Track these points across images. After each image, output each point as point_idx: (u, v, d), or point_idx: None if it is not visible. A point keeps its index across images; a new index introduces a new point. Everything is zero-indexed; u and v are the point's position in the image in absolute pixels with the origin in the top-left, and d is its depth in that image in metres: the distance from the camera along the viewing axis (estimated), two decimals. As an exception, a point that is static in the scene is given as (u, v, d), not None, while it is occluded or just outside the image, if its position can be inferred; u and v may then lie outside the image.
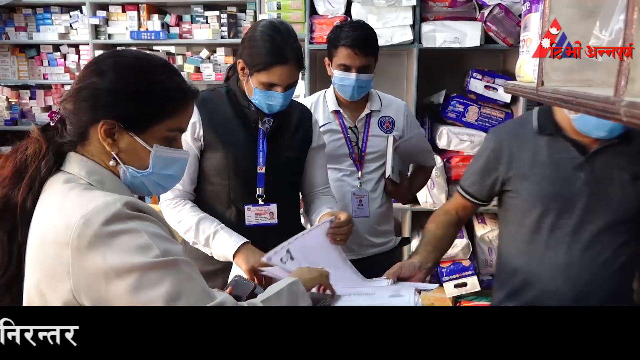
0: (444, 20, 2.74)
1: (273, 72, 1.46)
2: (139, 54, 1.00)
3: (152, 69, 0.96)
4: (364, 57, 1.84)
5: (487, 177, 1.56)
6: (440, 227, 1.61)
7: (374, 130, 1.98)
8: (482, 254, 2.94)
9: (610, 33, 0.67)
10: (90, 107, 0.93)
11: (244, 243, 1.45)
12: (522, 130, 1.52)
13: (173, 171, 1.02)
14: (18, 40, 3.64)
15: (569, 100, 0.69)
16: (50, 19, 3.62)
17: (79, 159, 0.94)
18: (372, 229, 1.99)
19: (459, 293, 2.90)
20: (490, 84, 2.78)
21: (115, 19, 3.53)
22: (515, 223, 1.54)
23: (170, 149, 0.99)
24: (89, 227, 0.82)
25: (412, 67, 2.82)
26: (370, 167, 1.98)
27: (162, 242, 0.85)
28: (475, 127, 2.84)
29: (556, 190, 1.44)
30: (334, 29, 1.93)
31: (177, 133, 1.00)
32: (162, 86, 0.96)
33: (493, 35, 2.70)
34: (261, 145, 1.56)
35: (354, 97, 1.91)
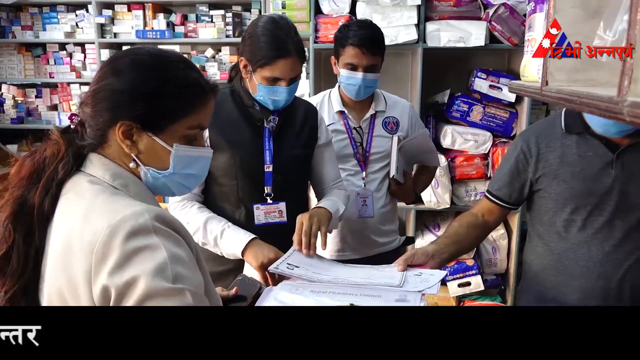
0: (449, 20, 2.74)
1: (276, 65, 1.46)
2: (155, 50, 0.96)
3: (168, 66, 0.93)
4: (371, 56, 1.85)
5: (517, 178, 1.57)
6: (464, 226, 1.60)
7: (379, 130, 1.99)
8: (486, 254, 2.94)
9: (614, 33, 0.68)
10: (107, 108, 0.90)
11: (252, 239, 1.45)
12: (550, 130, 1.54)
13: (195, 170, 0.99)
14: (24, 39, 3.66)
15: (572, 100, 0.70)
16: (56, 17, 3.63)
17: (101, 161, 0.92)
18: (377, 228, 1.99)
19: (462, 292, 2.90)
20: (495, 84, 2.78)
21: (120, 18, 3.54)
22: (545, 223, 1.54)
23: (191, 148, 0.96)
24: (114, 237, 0.79)
25: (416, 66, 2.83)
26: (374, 167, 1.98)
27: (177, 266, 0.81)
28: (480, 127, 2.84)
29: (587, 188, 1.44)
30: (341, 28, 1.93)
31: (198, 131, 0.97)
32: (179, 83, 0.93)
33: (498, 35, 2.70)
34: (267, 143, 1.57)
35: (361, 96, 1.91)
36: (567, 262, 1.49)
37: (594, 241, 1.45)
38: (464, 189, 2.93)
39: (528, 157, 1.54)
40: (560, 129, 1.51)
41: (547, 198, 1.52)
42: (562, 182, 1.48)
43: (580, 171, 1.45)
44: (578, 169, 1.46)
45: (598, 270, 1.44)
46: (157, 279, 0.78)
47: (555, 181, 1.49)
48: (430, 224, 3.06)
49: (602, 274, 1.44)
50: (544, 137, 1.53)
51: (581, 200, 1.45)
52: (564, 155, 1.48)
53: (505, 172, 1.59)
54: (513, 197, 1.59)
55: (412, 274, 1.35)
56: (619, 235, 1.43)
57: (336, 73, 1.96)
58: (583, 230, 1.46)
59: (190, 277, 0.83)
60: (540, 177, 1.52)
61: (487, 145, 2.83)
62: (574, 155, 1.47)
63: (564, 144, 1.49)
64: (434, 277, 1.31)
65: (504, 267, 2.98)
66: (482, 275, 2.90)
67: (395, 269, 1.38)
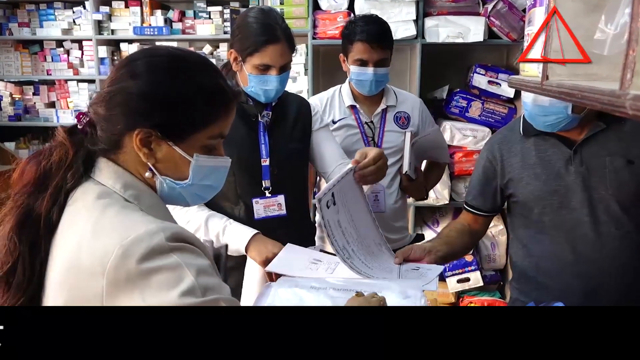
0: (448, 15, 2.74)
1: (265, 52, 1.47)
2: (176, 52, 0.90)
3: (191, 70, 0.88)
4: (380, 50, 1.85)
5: (487, 186, 1.59)
6: (454, 231, 1.63)
7: (390, 125, 1.98)
8: (485, 250, 2.94)
9: (616, 27, 0.67)
10: (124, 113, 0.84)
11: (255, 234, 1.44)
12: (511, 135, 1.56)
13: (212, 181, 0.94)
14: (21, 36, 3.64)
15: (573, 94, 0.69)
16: (54, 14, 3.62)
17: (113, 169, 0.86)
18: (388, 224, 1.99)
19: (461, 288, 2.90)
20: (494, 79, 2.78)
21: (118, 15, 3.53)
22: (521, 226, 1.56)
23: (211, 158, 0.91)
24: (128, 259, 0.74)
25: (415, 62, 2.82)
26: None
27: (204, 278, 0.77)
28: (479, 123, 2.84)
29: (549, 188, 1.45)
30: (348, 24, 1.93)
31: (219, 140, 0.92)
32: (204, 90, 0.87)
33: (496, 30, 2.70)
34: (262, 137, 1.57)
35: (372, 91, 1.91)
36: (544, 264, 1.49)
37: (566, 241, 1.44)
38: (462, 185, 2.93)
39: (494, 164, 1.56)
40: (519, 133, 1.52)
41: (517, 202, 1.54)
42: (527, 184, 1.49)
43: (542, 172, 1.46)
44: (539, 170, 1.47)
45: (574, 270, 1.43)
46: (186, 298, 0.74)
47: (520, 184, 1.50)
48: (429, 220, 3.06)
49: (579, 274, 1.43)
50: (505, 143, 1.55)
51: (546, 201, 1.45)
52: (524, 158, 1.50)
53: (476, 182, 1.62)
54: (487, 204, 1.61)
55: (409, 268, 1.35)
56: (591, 233, 1.41)
57: (345, 70, 1.96)
58: (555, 231, 1.46)
59: (218, 284, 0.80)
60: (507, 182, 1.54)
61: (486, 141, 2.82)
62: (534, 157, 1.48)
63: (524, 147, 1.50)
64: (431, 272, 1.32)
65: (503, 263, 2.99)
66: (481, 271, 2.90)
67: (391, 261, 1.39)
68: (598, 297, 1.42)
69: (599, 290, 1.42)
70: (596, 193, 1.40)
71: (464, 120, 2.85)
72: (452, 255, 1.58)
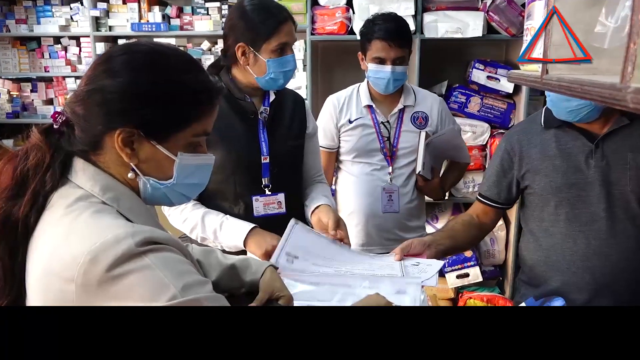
0: (446, 10, 2.73)
1: (282, 31, 1.46)
2: (157, 48, 0.87)
3: (173, 67, 0.85)
4: (398, 48, 1.85)
5: (504, 178, 1.58)
6: (460, 223, 1.63)
7: (407, 125, 1.98)
8: (485, 245, 2.94)
9: (617, 20, 0.67)
10: (104, 113, 0.81)
11: (253, 228, 1.44)
12: (531, 127, 1.55)
13: (198, 179, 0.92)
14: (19, 32, 3.62)
15: (574, 88, 0.69)
16: (51, 11, 3.60)
17: (91, 171, 0.83)
18: (402, 224, 1.99)
19: (461, 284, 2.90)
20: (493, 75, 2.77)
21: (116, 11, 3.51)
22: (535, 219, 1.55)
23: (195, 156, 0.89)
24: (96, 265, 0.72)
25: (414, 57, 2.81)
26: (401, 163, 1.97)
27: (182, 277, 0.75)
28: (478, 118, 2.83)
29: (567, 181, 1.44)
30: (367, 23, 1.93)
31: (203, 137, 0.90)
32: (187, 87, 0.85)
33: (495, 25, 2.69)
34: (262, 135, 1.56)
35: (390, 89, 1.90)
36: (555, 257, 1.49)
37: (580, 235, 1.44)
38: (462, 181, 2.92)
39: (512, 156, 1.55)
40: (539, 125, 1.52)
41: (533, 194, 1.53)
42: (544, 176, 1.48)
43: (561, 164, 1.46)
44: (558, 162, 1.46)
45: (584, 264, 1.44)
46: (161, 300, 0.73)
47: (538, 176, 1.50)
48: (428, 215, 3.06)
49: (588, 268, 1.43)
50: (525, 135, 1.55)
51: (564, 193, 1.45)
52: (544, 150, 1.49)
53: (492, 172, 1.61)
54: (502, 196, 1.60)
55: (409, 263, 1.35)
56: (605, 228, 1.41)
57: (364, 68, 1.96)
58: (569, 224, 1.46)
59: (198, 282, 0.78)
60: (525, 173, 1.53)
61: (485, 136, 2.83)
62: (554, 149, 1.48)
63: (544, 139, 1.50)
64: (431, 267, 1.31)
65: (502, 259, 2.99)
66: (480, 267, 2.90)
67: (392, 258, 1.39)
68: (607, 293, 1.42)
69: (609, 286, 1.42)
70: (615, 189, 1.40)
71: (463, 116, 2.85)
72: (455, 248, 1.59)
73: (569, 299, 1.42)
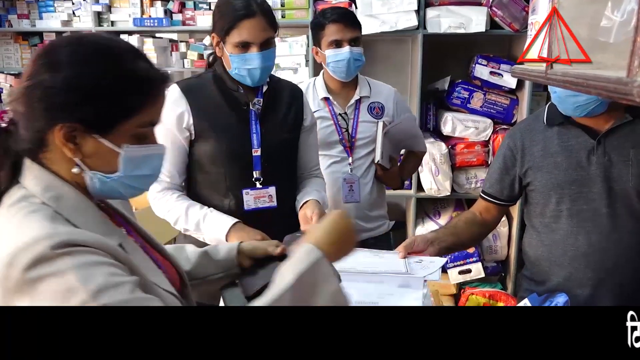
0: (449, 6, 2.72)
1: (242, 27, 1.44)
2: (97, 39, 0.85)
3: (113, 58, 0.83)
4: (353, 29, 1.88)
5: (506, 175, 1.58)
6: (463, 221, 1.63)
7: (364, 116, 1.99)
8: (487, 241, 2.94)
9: (622, 14, 0.66)
10: (44, 109, 0.79)
11: (235, 223, 1.43)
12: (534, 124, 1.56)
13: (148, 170, 0.90)
14: (21, 27, 3.62)
15: (579, 83, 0.68)
16: (53, 6, 3.60)
17: (35, 170, 0.82)
18: (363, 214, 2.00)
19: (463, 280, 2.90)
20: (496, 70, 2.76)
21: (117, 6, 3.51)
22: (537, 215, 1.56)
23: (142, 147, 0.86)
24: (13, 268, 0.72)
25: (416, 53, 2.80)
26: (360, 153, 1.98)
27: (95, 280, 0.73)
28: (480, 114, 2.83)
29: (569, 177, 1.44)
30: (316, 16, 1.98)
31: (150, 127, 0.88)
32: (127, 77, 0.83)
33: (499, 21, 2.68)
34: (254, 127, 1.54)
35: (351, 72, 1.91)
36: (557, 253, 1.49)
37: (581, 231, 1.45)
38: (464, 177, 2.92)
39: (515, 153, 1.56)
40: (542, 122, 1.52)
41: (535, 191, 1.54)
42: (546, 173, 1.49)
43: (562, 161, 1.46)
44: (560, 158, 1.46)
45: (585, 260, 1.44)
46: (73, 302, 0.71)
47: (540, 173, 1.50)
48: (430, 211, 3.06)
49: (590, 263, 1.44)
50: (528, 132, 1.55)
51: (565, 190, 1.46)
52: (546, 147, 1.50)
53: (495, 169, 1.62)
54: (505, 193, 1.60)
55: (412, 261, 1.35)
56: (607, 224, 1.42)
57: (320, 61, 1.97)
58: (570, 220, 1.46)
59: (116, 283, 0.75)
60: (526, 170, 1.54)
61: (487, 132, 2.82)
62: (556, 145, 1.48)
63: (546, 136, 1.51)
64: (434, 264, 1.32)
65: (505, 254, 2.98)
66: (482, 263, 2.90)
67: (396, 256, 1.38)
68: (610, 289, 1.42)
69: (611, 281, 1.42)
70: (617, 185, 1.40)
71: (465, 112, 2.84)
72: (458, 245, 1.59)
73: (572, 295, 1.43)
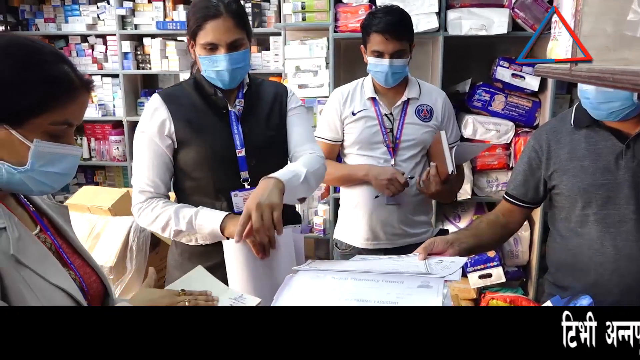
0: (471, 7, 2.70)
1: (207, 28, 1.40)
2: (22, 39, 0.90)
3: (30, 56, 0.87)
4: (396, 42, 1.84)
5: (531, 177, 1.56)
6: (484, 222, 1.60)
7: (411, 118, 1.96)
8: (508, 245, 2.91)
9: (650, 7, 0.65)
10: None
11: (228, 214, 1.40)
12: (561, 126, 1.52)
13: (60, 169, 0.92)
14: (47, 31, 3.71)
15: (604, 78, 0.67)
16: (79, 10, 3.68)
17: None
18: (407, 218, 1.97)
19: (483, 284, 2.86)
20: (518, 72, 2.73)
21: (141, 10, 3.57)
22: (562, 219, 1.53)
23: (54, 145, 0.90)
24: None
25: (437, 55, 2.79)
26: (404, 155, 1.96)
27: None
28: (502, 116, 2.80)
29: (596, 181, 1.42)
30: (367, 16, 1.93)
31: (66, 127, 0.91)
32: (43, 74, 0.87)
33: (521, 22, 2.65)
34: (235, 128, 1.51)
35: (389, 83, 1.90)
36: (582, 258, 1.46)
37: (607, 237, 1.41)
38: (485, 180, 2.89)
39: (540, 155, 1.53)
40: (569, 125, 1.49)
41: (560, 195, 1.50)
42: (572, 177, 1.45)
43: (590, 164, 1.43)
44: (587, 162, 1.43)
45: (612, 266, 1.41)
46: None
47: (565, 177, 1.47)
48: (450, 215, 3.03)
49: (616, 270, 1.40)
50: (554, 134, 1.52)
51: (592, 194, 1.42)
52: (573, 149, 1.46)
53: (520, 171, 1.59)
54: (529, 195, 1.58)
55: (432, 262, 1.34)
56: (635, 230, 1.38)
57: (366, 62, 1.95)
58: (596, 225, 1.43)
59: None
60: (552, 173, 1.51)
61: (509, 135, 2.79)
62: (583, 149, 1.45)
63: (573, 138, 1.47)
64: (454, 264, 1.30)
65: (526, 259, 2.94)
66: (503, 267, 2.86)
67: (415, 258, 1.37)
68: (636, 295, 1.39)
69: (638, 288, 1.39)
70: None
71: (486, 114, 2.81)
72: (479, 247, 1.55)
73: (597, 301, 1.39)
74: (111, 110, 3.79)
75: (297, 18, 2.86)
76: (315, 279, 1.20)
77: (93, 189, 2.64)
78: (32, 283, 0.86)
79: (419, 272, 1.23)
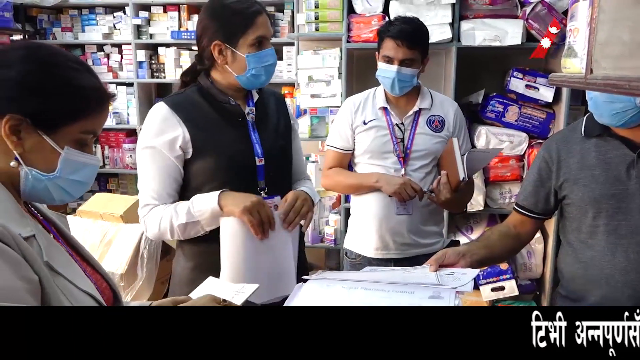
0: (484, 18, 2.70)
1: (258, 23, 1.43)
2: (54, 49, 0.92)
3: (67, 65, 0.89)
4: (407, 49, 1.84)
5: (541, 187, 1.54)
6: (496, 234, 1.58)
7: (422, 128, 1.95)
8: (521, 258, 2.87)
9: (667, 14, 0.64)
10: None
11: (223, 191, 1.39)
12: (571, 136, 1.51)
13: (82, 177, 0.93)
14: (64, 40, 3.76)
15: (621, 85, 0.66)
16: (95, 19, 3.73)
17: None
18: (417, 228, 1.95)
19: (496, 297, 2.83)
20: (532, 83, 2.71)
21: (156, 20, 3.61)
22: (573, 230, 1.50)
23: (81, 153, 0.91)
24: None
25: (450, 66, 2.79)
26: (415, 165, 1.95)
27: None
28: (515, 128, 2.78)
29: (607, 191, 1.39)
30: (386, 23, 1.96)
31: (90, 137, 0.93)
32: (78, 84, 0.89)
33: (535, 33, 2.64)
34: (254, 137, 1.50)
35: (395, 90, 1.89)
36: (593, 271, 1.43)
37: (619, 248, 1.39)
38: (498, 191, 2.87)
39: (550, 165, 1.51)
40: (580, 134, 1.47)
41: (571, 205, 1.48)
42: (583, 186, 1.43)
43: (600, 174, 1.41)
44: (597, 172, 1.41)
45: (623, 278, 1.38)
46: None
47: (576, 186, 1.45)
48: (462, 226, 3.01)
49: (627, 282, 1.37)
50: (564, 144, 1.50)
51: (602, 204, 1.40)
52: (583, 159, 1.44)
53: (530, 181, 1.57)
54: (539, 206, 1.55)
55: (444, 273, 1.32)
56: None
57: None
58: (607, 236, 1.40)
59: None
60: (562, 183, 1.49)
61: (522, 146, 2.76)
62: (593, 158, 1.43)
63: (584, 148, 1.45)
64: (466, 275, 1.28)
65: (539, 272, 2.90)
66: (516, 280, 2.82)
67: (427, 269, 1.36)
68: None
69: None
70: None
71: (500, 125, 2.79)
72: (490, 259, 1.53)
73: None
74: (125, 119, 3.83)
75: (311, 28, 2.87)
76: (325, 288, 1.19)
77: (106, 196, 2.66)
78: (65, 289, 0.86)
79: (430, 283, 1.22)
